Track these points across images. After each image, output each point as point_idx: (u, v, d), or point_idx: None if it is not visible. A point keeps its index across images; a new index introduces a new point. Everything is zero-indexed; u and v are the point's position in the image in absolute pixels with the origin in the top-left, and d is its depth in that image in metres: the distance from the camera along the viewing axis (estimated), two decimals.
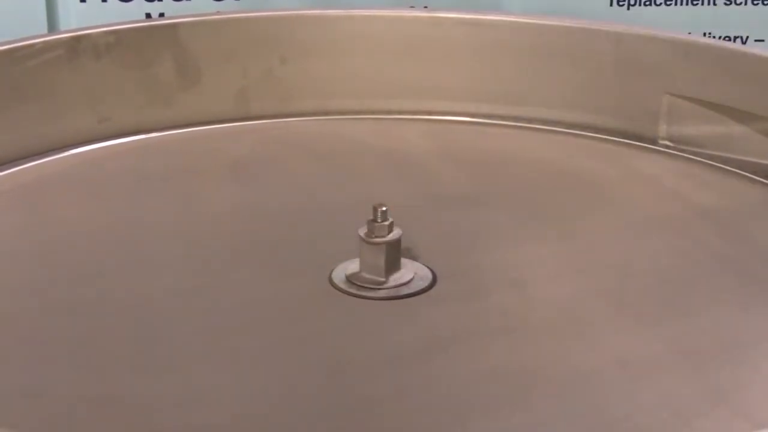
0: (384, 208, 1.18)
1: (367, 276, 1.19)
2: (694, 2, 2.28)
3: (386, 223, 1.18)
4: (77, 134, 1.54)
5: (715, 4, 2.28)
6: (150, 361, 1.07)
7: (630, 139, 1.60)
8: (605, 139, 1.61)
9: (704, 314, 1.16)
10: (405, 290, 1.18)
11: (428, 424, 0.99)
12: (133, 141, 1.49)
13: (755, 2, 2.28)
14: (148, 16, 2.09)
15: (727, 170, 1.50)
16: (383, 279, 1.19)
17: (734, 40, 2.28)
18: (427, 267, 1.22)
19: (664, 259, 1.27)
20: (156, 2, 2.14)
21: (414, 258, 1.23)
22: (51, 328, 1.12)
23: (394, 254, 1.19)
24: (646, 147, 1.58)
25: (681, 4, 2.28)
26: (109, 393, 1.02)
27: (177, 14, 1.92)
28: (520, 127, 1.65)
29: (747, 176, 1.48)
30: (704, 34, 2.25)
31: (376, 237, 1.18)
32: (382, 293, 1.18)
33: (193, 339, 1.11)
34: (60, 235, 1.29)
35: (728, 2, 2.28)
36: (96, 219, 1.33)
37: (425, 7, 2.10)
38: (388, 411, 1.01)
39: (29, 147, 1.51)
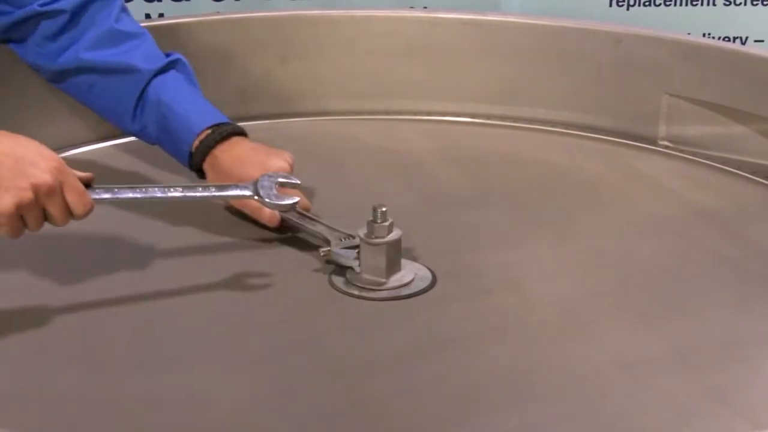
0: (384, 209, 1.17)
1: (368, 277, 1.19)
2: (694, 2, 2.28)
3: (386, 223, 1.17)
4: (75, 135, 1.55)
5: (714, 4, 2.28)
6: (151, 361, 1.07)
7: (629, 140, 1.60)
8: (605, 139, 1.61)
9: (704, 314, 1.16)
10: (405, 291, 1.18)
11: (428, 423, 0.99)
12: (132, 141, 1.48)
13: (755, 2, 2.28)
14: (148, 16, 2.09)
15: (727, 170, 1.50)
16: (384, 280, 1.18)
17: (734, 40, 2.28)
18: (427, 267, 1.22)
19: (664, 259, 1.27)
20: (156, 2, 2.13)
21: (414, 258, 1.23)
22: (51, 328, 1.12)
23: (395, 255, 1.19)
24: (645, 147, 1.58)
25: (680, 5, 2.28)
26: (110, 393, 1.02)
27: (176, 14, 1.92)
28: (520, 127, 1.65)
29: (746, 176, 1.48)
30: (704, 35, 2.24)
31: (376, 238, 1.18)
32: (382, 294, 1.18)
33: (193, 339, 1.11)
34: (61, 234, 1.29)
35: (728, 2, 2.28)
36: (95, 218, 1.33)
37: (425, 7, 2.10)
38: (388, 410, 1.01)
39: None
